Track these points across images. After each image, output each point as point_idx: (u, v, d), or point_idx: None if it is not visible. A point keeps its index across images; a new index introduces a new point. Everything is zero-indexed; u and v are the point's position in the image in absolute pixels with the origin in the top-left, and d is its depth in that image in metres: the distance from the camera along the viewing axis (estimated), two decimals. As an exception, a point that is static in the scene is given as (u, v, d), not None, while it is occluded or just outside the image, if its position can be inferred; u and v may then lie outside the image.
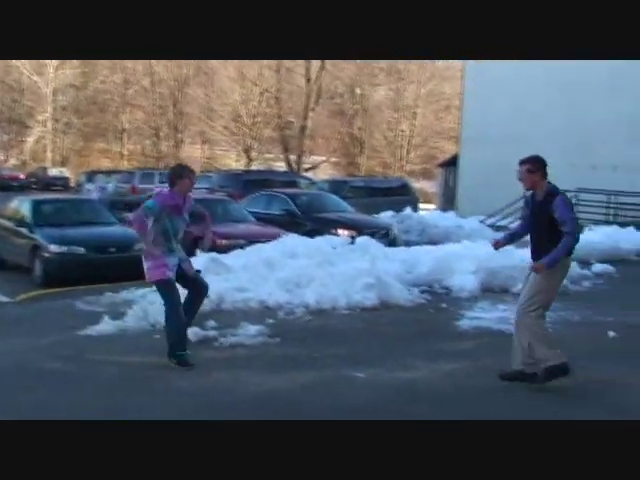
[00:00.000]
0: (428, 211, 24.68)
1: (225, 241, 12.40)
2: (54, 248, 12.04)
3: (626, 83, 23.64)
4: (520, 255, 12.04)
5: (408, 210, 19.25)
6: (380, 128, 53.19)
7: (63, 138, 55.63)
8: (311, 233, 13.59)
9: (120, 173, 33.86)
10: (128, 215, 16.60)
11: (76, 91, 53.85)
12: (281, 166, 49.39)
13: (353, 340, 8.09)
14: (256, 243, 11.96)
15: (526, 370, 6.37)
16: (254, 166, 48.29)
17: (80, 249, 12.03)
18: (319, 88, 50.06)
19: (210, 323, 8.25)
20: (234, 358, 7.26)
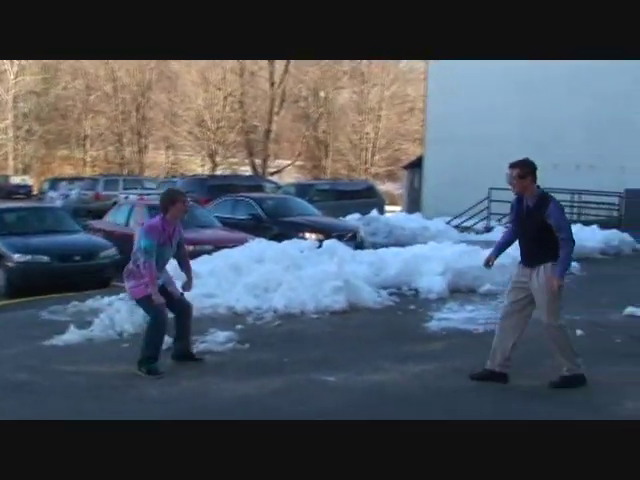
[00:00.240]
0: (394, 213, 24.79)
1: (191, 247, 12.29)
2: (18, 257, 11.86)
3: (585, 82, 24.02)
4: (486, 255, 12.17)
5: (374, 212, 19.35)
6: (345, 131, 53.34)
7: (25, 145, 54.85)
8: (278, 237, 13.56)
9: (83, 180, 33.50)
10: (92, 223, 16.48)
11: (37, 98, 53.19)
12: (246, 170, 49.28)
13: (323, 344, 8.08)
14: (223, 248, 11.88)
15: (497, 370, 6.47)
16: (219, 171, 48.10)
17: (44, 258, 11.87)
18: (283, 92, 50.08)
19: (178, 330, 8.17)
20: (204, 365, 7.21)
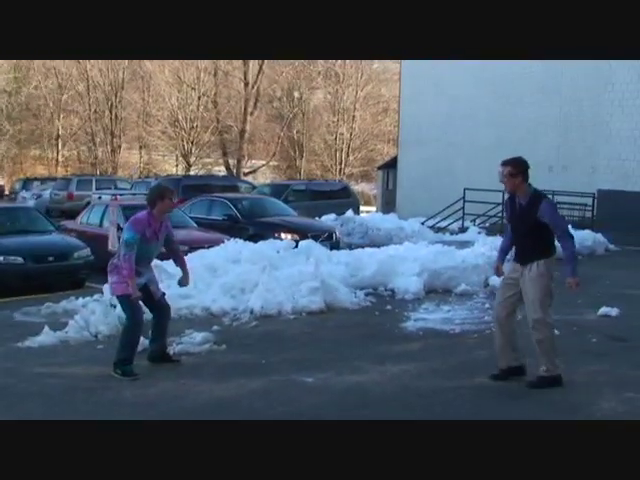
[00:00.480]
0: (369, 213, 24.82)
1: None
2: (-10, 258, 11.71)
3: (556, 85, 24.25)
4: (462, 255, 12.24)
5: (350, 213, 19.36)
6: (319, 131, 53.26)
7: (-4, 145, 54.28)
8: (254, 238, 13.52)
9: (56, 180, 33.15)
10: (65, 223, 16.31)
11: (9, 97, 52.49)
12: (220, 171, 49.05)
13: (300, 345, 8.07)
14: (198, 249, 11.82)
15: (513, 365, 6.57)
16: (193, 171, 47.85)
17: (18, 259, 11.71)
18: (257, 92, 49.91)
19: (154, 331, 8.11)
20: (180, 366, 7.17)
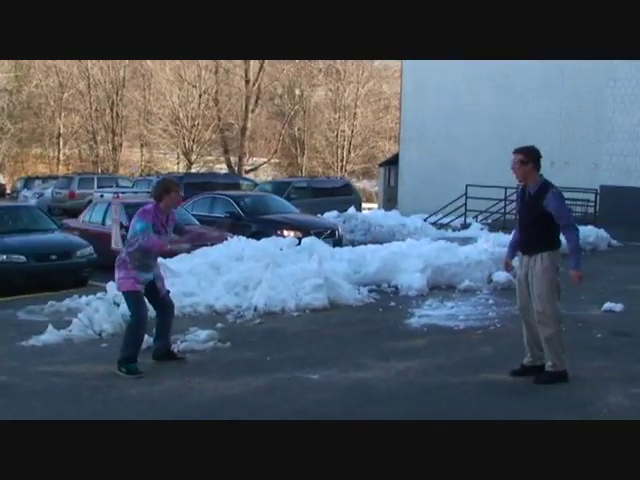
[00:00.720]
0: (371, 210, 24.80)
1: (169, 245, 12.20)
2: (-7, 257, 11.71)
3: (558, 81, 24.25)
4: (465, 252, 12.22)
5: (352, 210, 19.34)
6: (320, 128, 53.26)
7: (-3, 144, 54.25)
8: (256, 235, 13.52)
9: (57, 178, 33.14)
10: (67, 222, 16.31)
11: (10, 96, 52.48)
12: (222, 168, 49.06)
13: (304, 342, 8.07)
14: (201, 247, 11.81)
15: (538, 364, 6.55)
16: (194, 169, 47.86)
17: (21, 257, 11.71)
18: (258, 89, 49.92)
19: (158, 329, 8.11)
20: (185, 364, 7.16)
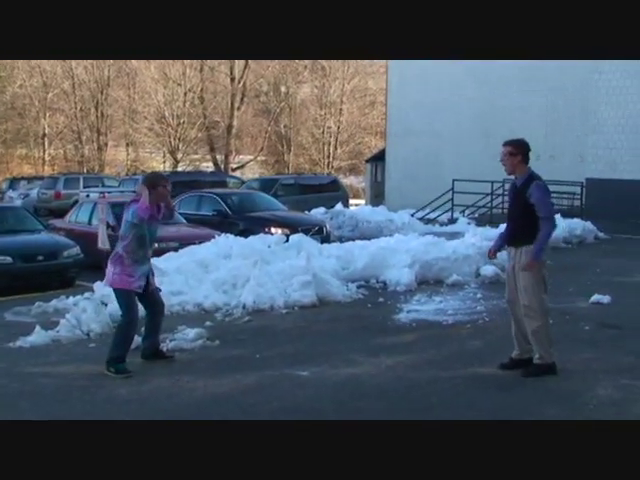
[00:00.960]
0: (359, 206, 24.82)
1: (156, 244, 12.17)
2: (-21, 258, 11.63)
3: (542, 74, 24.31)
4: (452, 246, 12.24)
5: (339, 206, 19.35)
6: (306, 125, 53.20)
7: (-19, 145, 53.92)
8: (244, 233, 13.48)
9: (43, 179, 32.95)
10: (53, 222, 16.22)
11: (-7, 96, 52.28)
12: (208, 166, 48.92)
13: (294, 339, 8.05)
14: (189, 245, 11.77)
15: (525, 357, 6.53)
16: (181, 167, 47.70)
17: (7, 258, 11.62)
18: (244, 87, 49.80)
19: (147, 328, 8.07)
20: (174, 363, 7.14)
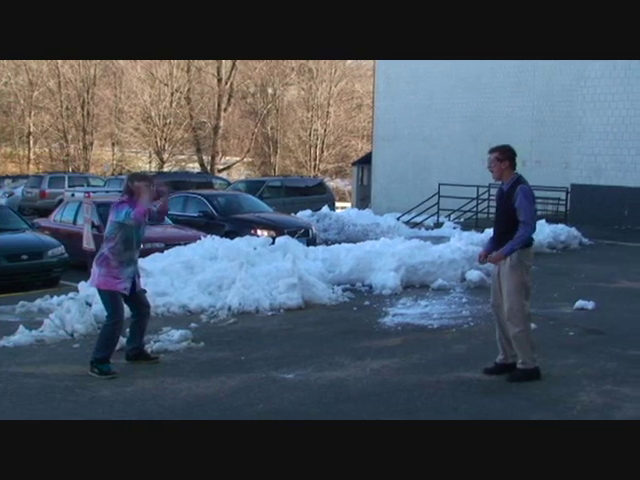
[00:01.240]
0: (345, 209, 24.83)
1: (142, 244, 12.12)
2: (-38, 257, 11.55)
3: (529, 80, 24.47)
4: (438, 250, 12.26)
5: (326, 209, 19.35)
6: (293, 127, 53.19)
7: (-35, 143, 53.57)
8: (230, 234, 13.47)
9: (28, 178, 32.78)
10: (38, 221, 16.14)
11: (-22, 94, 51.98)
12: (194, 167, 48.81)
13: (279, 341, 8.04)
14: (174, 246, 11.74)
15: (509, 362, 6.51)
16: (166, 168, 47.57)
17: (-10, 257, 11.58)
18: (231, 88, 49.78)
19: (131, 329, 8.03)
20: (158, 365, 7.10)
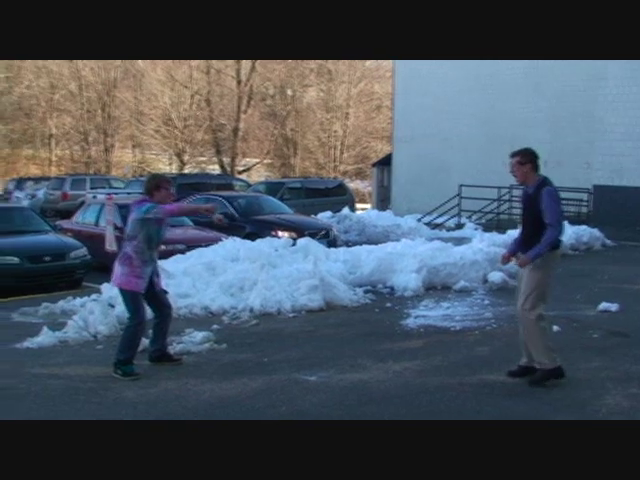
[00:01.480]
0: (365, 211, 24.80)
1: (163, 246, 12.16)
2: (-14, 259, 11.64)
3: (546, 80, 24.27)
4: (460, 252, 12.22)
5: (346, 210, 19.33)
6: (313, 129, 53.18)
7: (-12, 145, 54.03)
8: (251, 236, 13.49)
9: (50, 179, 33.02)
10: (61, 223, 16.25)
11: (0, 96, 52.35)
12: (214, 169, 48.97)
13: (301, 343, 8.04)
14: (196, 247, 11.77)
15: (531, 364, 6.44)
16: (187, 169, 47.78)
17: (14, 259, 11.67)
18: (250, 90, 49.87)
19: (154, 331, 8.05)
20: (181, 366, 7.12)
